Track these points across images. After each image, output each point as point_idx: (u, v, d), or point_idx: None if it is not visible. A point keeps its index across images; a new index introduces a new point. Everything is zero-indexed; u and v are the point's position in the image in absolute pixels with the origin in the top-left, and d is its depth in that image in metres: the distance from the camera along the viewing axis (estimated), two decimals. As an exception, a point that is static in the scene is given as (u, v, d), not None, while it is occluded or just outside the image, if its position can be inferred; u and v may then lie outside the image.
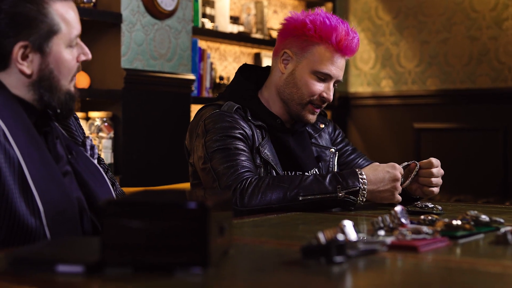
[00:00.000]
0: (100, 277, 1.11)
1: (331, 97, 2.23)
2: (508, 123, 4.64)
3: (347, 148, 2.46)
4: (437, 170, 2.21)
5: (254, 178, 2.03)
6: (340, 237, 1.24)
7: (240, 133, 2.14)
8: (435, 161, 2.21)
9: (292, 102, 2.24)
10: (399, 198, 2.10)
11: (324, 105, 2.26)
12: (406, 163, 2.21)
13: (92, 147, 1.82)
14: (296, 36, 2.22)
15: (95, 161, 1.79)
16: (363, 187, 2.04)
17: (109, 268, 1.13)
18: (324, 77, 2.20)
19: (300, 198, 2.01)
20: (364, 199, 2.06)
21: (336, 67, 2.20)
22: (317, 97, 2.22)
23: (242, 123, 2.18)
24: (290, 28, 2.24)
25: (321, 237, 1.24)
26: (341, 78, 2.24)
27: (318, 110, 2.26)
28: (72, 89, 1.67)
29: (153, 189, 2.38)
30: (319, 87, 2.21)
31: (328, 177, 2.05)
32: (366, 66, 5.29)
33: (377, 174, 2.07)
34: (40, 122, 1.64)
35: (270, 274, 1.18)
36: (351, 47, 2.19)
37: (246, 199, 1.99)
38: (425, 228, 1.46)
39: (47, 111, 1.65)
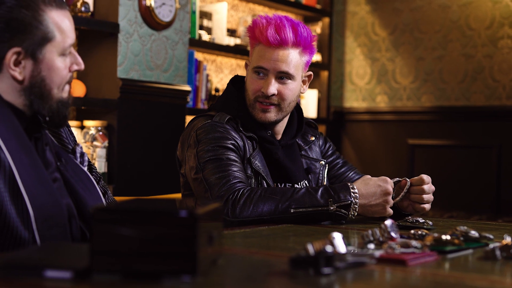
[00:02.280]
0: (88, 283, 1.11)
1: (269, 90, 2.20)
2: (502, 141, 4.66)
3: (338, 161, 2.47)
4: (428, 186, 2.21)
5: (246, 189, 2.03)
6: (329, 248, 1.25)
7: (232, 144, 2.15)
8: (426, 177, 2.21)
9: (248, 106, 2.27)
10: (391, 211, 2.11)
11: (271, 100, 2.22)
12: (397, 179, 2.22)
13: (82, 154, 1.82)
14: (251, 44, 2.30)
15: (85, 168, 1.79)
16: (355, 201, 2.05)
17: (98, 275, 1.13)
18: (260, 72, 2.22)
19: (292, 211, 2.02)
20: (356, 213, 2.06)
21: (268, 59, 2.20)
22: (259, 93, 2.22)
23: (233, 133, 2.19)
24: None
25: (310, 248, 1.25)
26: (282, 69, 2.20)
27: (268, 107, 2.23)
28: (65, 97, 1.67)
29: (144, 198, 2.38)
30: (258, 83, 2.23)
31: (320, 190, 2.05)
32: (361, 81, 5.31)
33: (369, 188, 2.08)
34: (31, 128, 1.64)
35: (258, 284, 1.18)
36: (271, 36, 2.18)
37: (237, 210, 1.99)
38: (414, 242, 1.46)
39: (37, 117, 1.66)
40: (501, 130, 4.67)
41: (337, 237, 1.35)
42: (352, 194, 2.05)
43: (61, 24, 1.63)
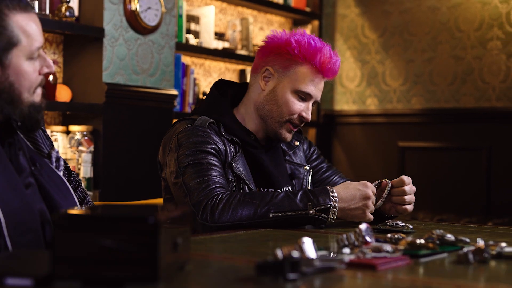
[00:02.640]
0: (49, 291, 1.10)
1: (310, 117, 2.26)
2: (491, 143, 4.65)
3: (322, 165, 2.46)
4: (409, 187, 2.20)
5: (225, 194, 2.02)
6: (295, 254, 1.24)
7: (213, 148, 2.14)
8: (406, 178, 2.20)
9: (271, 120, 2.25)
10: (371, 216, 2.09)
11: (302, 125, 2.28)
12: (377, 181, 2.20)
13: (58, 159, 1.81)
14: (279, 54, 2.23)
15: (61, 173, 1.78)
16: (334, 205, 2.03)
17: (59, 282, 1.12)
18: (305, 97, 2.23)
19: (271, 215, 2.00)
20: (335, 217, 2.05)
21: (317, 88, 2.23)
22: (296, 116, 2.23)
23: (215, 138, 2.17)
24: (273, 46, 2.25)
25: (279, 253, 1.24)
26: (319, 99, 2.27)
27: (295, 129, 2.27)
28: (37, 100, 1.65)
29: (126, 203, 2.37)
30: (299, 106, 2.23)
31: (299, 194, 2.04)
32: (351, 84, 5.30)
33: (348, 192, 2.07)
34: (3, 134, 1.63)
35: (222, 290, 1.17)
36: (333, 70, 2.23)
37: (216, 215, 1.98)
38: (386, 247, 1.45)
39: (10, 122, 1.64)
40: (491, 132, 4.66)
41: (307, 242, 1.34)
42: (331, 198, 2.04)
43: (26, 27, 1.61)
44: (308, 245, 1.34)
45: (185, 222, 1.31)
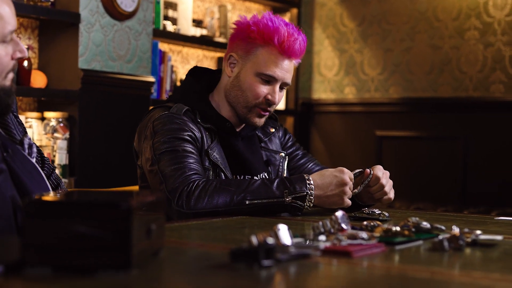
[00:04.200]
0: (20, 277, 1.08)
1: (276, 100, 2.21)
2: (468, 132, 4.67)
3: (297, 152, 2.45)
4: (386, 179, 2.19)
5: (202, 181, 2.00)
6: (270, 240, 1.22)
7: (188, 135, 2.12)
8: (380, 173, 2.18)
9: (239, 106, 2.23)
10: (349, 202, 2.08)
11: (271, 108, 2.24)
12: (358, 170, 2.19)
13: (31, 145, 1.78)
14: (241, 39, 2.22)
15: (33, 160, 1.75)
16: (310, 192, 2.02)
17: (30, 268, 1.10)
18: (269, 79, 2.19)
19: (247, 202, 1.99)
20: (312, 204, 2.04)
21: (281, 69, 2.19)
22: (262, 100, 2.20)
23: (191, 125, 2.15)
24: (237, 32, 2.25)
25: (254, 240, 1.23)
26: (288, 81, 2.22)
27: (265, 113, 2.24)
28: (8, 84, 1.63)
29: (101, 190, 2.34)
30: (263, 89, 2.20)
31: (276, 181, 2.03)
32: (330, 72, 5.29)
33: (325, 179, 2.06)
34: None
35: (196, 277, 1.15)
36: (294, 49, 2.17)
37: (192, 202, 1.96)
38: (361, 234, 1.44)
39: None
40: (468, 121, 4.68)
41: (282, 229, 1.33)
42: (307, 185, 2.03)
43: None
44: (283, 232, 1.33)
45: (159, 208, 1.29)
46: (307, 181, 2.04)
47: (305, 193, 2.02)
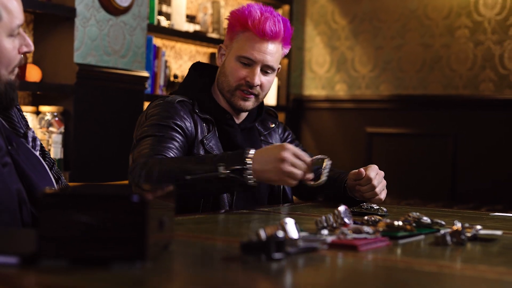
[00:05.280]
0: (35, 269, 1.09)
1: (255, 81, 2.23)
2: (458, 130, 4.72)
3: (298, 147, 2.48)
4: (377, 179, 2.20)
5: (155, 158, 1.99)
6: (280, 234, 1.25)
7: (175, 124, 2.15)
8: (373, 174, 2.19)
9: (224, 91, 2.28)
10: (290, 182, 1.92)
11: (254, 90, 2.25)
12: (317, 157, 2.04)
13: (34, 139, 1.80)
14: (227, 30, 2.30)
15: (37, 153, 1.77)
16: (247, 166, 1.91)
17: (45, 260, 1.11)
18: (248, 62, 2.23)
19: (188, 177, 1.92)
20: (251, 178, 1.92)
21: (258, 51, 2.22)
22: (242, 82, 2.24)
23: (183, 114, 2.19)
24: (227, 25, 2.32)
25: (262, 233, 1.25)
26: (269, 63, 2.24)
27: (249, 96, 2.26)
28: (13, 79, 1.64)
29: (97, 184, 2.36)
30: (243, 72, 2.24)
31: (217, 156, 1.97)
32: (321, 69, 5.32)
33: (264, 154, 1.93)
34: None
35: (209, 269, 1.18)
36: (265, 29, 2.19)
37: (142, 178, 1.94)
38: (366, 228, 1.47)
39: None
40: (458, 119, 4.72)
41: (289, 223, 1.35)
42: (245, 158, 1.91)
43: (7, 4, 1.60)
44: (290, 225, 1.35)
45: (169, 201, 1.31)
46: (246, 155, 1.92)
47: (241, 167, 1.90)
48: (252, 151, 1.93)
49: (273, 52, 2.24)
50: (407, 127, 4.92)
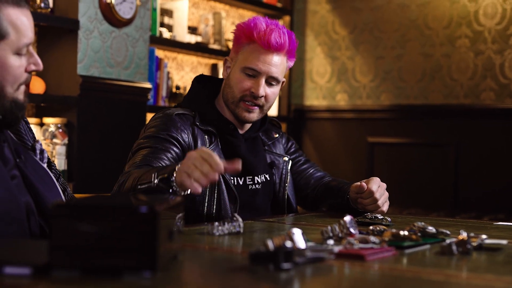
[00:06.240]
0: (48, 279, 1.11)
1: (259, 92, 2.25)
2: (459, 139, 4.73)
3: (300, 158, 2.50)
4: (380, 193, 2.21)
5: (139, 168, 2.01)
6: (288, 244, 1.26)
7: (171, 136, 2.17)
8: (375, 187, 2.21)
9: (229, 103, 2.30)
10: (193, 186, 1.72)
11: (258, 101, 2.27)
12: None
13: (42, 151, 1.81)
14: (233, 43, 2.33)
15: (45, 165, 1.78)
16: (173, 176, 1.79)
17: (57, 271, 1.13)
18: (253, 73, 2.26)
19: (138, 187, 1.89)
20: (176, 186, 1.80)
21: (263, 62, 2.24)
22: (247, 93, 2.26)
23: (180, 125, 2.21)
24: (233, 38, 2.35)
25: (270, 244, 1.26)
26: (274, 74, 2.26)
27: (253, 108, 2.28)
28: (20, 97, 1.63)
29: (107, 194, 2.38)
30: (248, 82, 2.26)
31: (161, 167, 1.94)
32: (322, 79, 5.34)
33: (187, 160, 1.76)
34: None
35: (218, 279, 1.19)
36: (270, 40, 2.22)
37: (117, 185, 2.02)
38: (372, 238, 1.49)
39: None
40: (459, 128, 4.74)
41: (297, 233, 1.37)
42: (174, 169, 1.80)
43: (16, 22, 1.59)
44: (298, 236, 1.37)
45: (178, 212, 1.32)
46: (177, 165, 1.80)
47: (166, 174, 1.81)
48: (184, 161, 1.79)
49: (278, 64, 2.26)
50: (408, 137, 4.94)
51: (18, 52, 1.61)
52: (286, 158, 2.42)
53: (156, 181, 1.82)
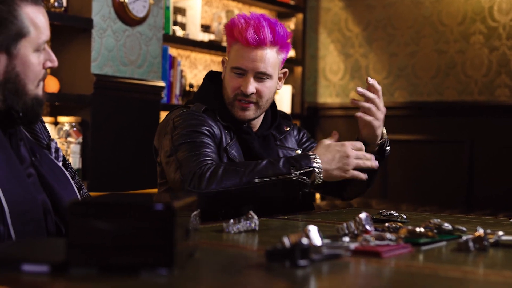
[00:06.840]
0: (65, 277, 1.11)
1: (248, 90, 2.25)
2: (474, 136, 4.71)
3: (312, 145, 2.52)
4: (378, 100, 2.40)
5: (213, 164, 2.07)
6: (305, 241, 1.26)
7: (207, 130, 2.20)
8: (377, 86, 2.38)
9: (226, 103, 2.31)
10: (354, 173, 2.15)
11: (250, 99, 2.27)
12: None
13: (57, 150, 1.82)
14: (226, 44, 2.35)
15: (60, 164, 1.79)
16: (318, 165, 2.09)
17: (75, 268, 1.13)
18: (240, 72, 2.26)
19: (256, 181, 2.04)
20: (321, 178, 2.10)
21: (247, 60, 2.24)
22: (238, 91, 2.27)
23: (210, 122, 2.24)
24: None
25: (286, 241, 1.26)
26: (261, 69, 2.25)
27: (247, 105, 2.28)
28: (40, 94, 1.66)
29: (124, 192, 2.39)
30: (236, 82, 2.27)
31: (281, 160, 2.09)
32: (335, 77, 5.33)
33: (328, 154, 2.12)
34: (5, 123, 1.63)
35: (235, 276, 1.19)
36: (246, 36, 2.22)
37: (204, 183, 2.01)
38: (388, 235, 1.48)
39: (11, 112, 1.65)
40: (473, 125, 4.72)
41: (313, 230, 1.37)
42: (313, 161, 2.09)
43: (36, 20, 1.63)
44: (314, 233, 1.37)
45: (194, 210, 1.33)
46: (312, 157, 2.10)
47: (311, 168, 2.08)
48: (316, 153, 2.11)
49: (264, 58, 2.24)
50: (422, 134, 4.92)
51: (37, 49, 1.65)
52: (298, 151, 2.43)
53: (295, 174, 2.05)
